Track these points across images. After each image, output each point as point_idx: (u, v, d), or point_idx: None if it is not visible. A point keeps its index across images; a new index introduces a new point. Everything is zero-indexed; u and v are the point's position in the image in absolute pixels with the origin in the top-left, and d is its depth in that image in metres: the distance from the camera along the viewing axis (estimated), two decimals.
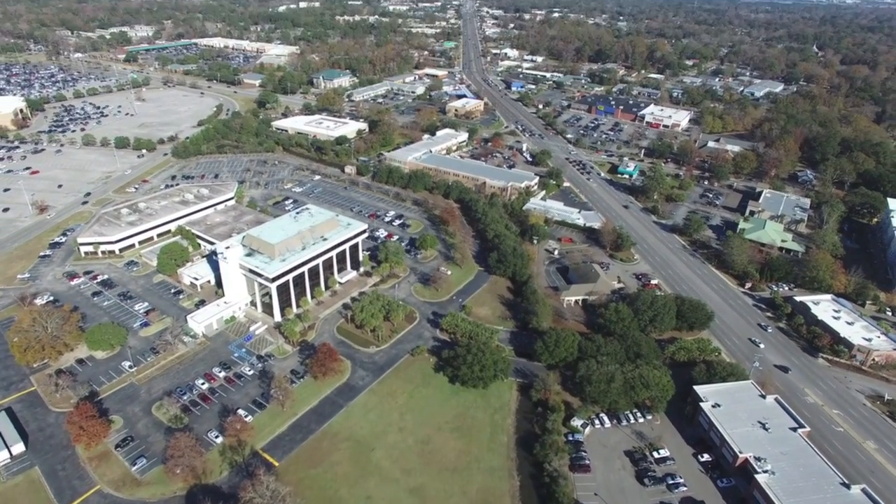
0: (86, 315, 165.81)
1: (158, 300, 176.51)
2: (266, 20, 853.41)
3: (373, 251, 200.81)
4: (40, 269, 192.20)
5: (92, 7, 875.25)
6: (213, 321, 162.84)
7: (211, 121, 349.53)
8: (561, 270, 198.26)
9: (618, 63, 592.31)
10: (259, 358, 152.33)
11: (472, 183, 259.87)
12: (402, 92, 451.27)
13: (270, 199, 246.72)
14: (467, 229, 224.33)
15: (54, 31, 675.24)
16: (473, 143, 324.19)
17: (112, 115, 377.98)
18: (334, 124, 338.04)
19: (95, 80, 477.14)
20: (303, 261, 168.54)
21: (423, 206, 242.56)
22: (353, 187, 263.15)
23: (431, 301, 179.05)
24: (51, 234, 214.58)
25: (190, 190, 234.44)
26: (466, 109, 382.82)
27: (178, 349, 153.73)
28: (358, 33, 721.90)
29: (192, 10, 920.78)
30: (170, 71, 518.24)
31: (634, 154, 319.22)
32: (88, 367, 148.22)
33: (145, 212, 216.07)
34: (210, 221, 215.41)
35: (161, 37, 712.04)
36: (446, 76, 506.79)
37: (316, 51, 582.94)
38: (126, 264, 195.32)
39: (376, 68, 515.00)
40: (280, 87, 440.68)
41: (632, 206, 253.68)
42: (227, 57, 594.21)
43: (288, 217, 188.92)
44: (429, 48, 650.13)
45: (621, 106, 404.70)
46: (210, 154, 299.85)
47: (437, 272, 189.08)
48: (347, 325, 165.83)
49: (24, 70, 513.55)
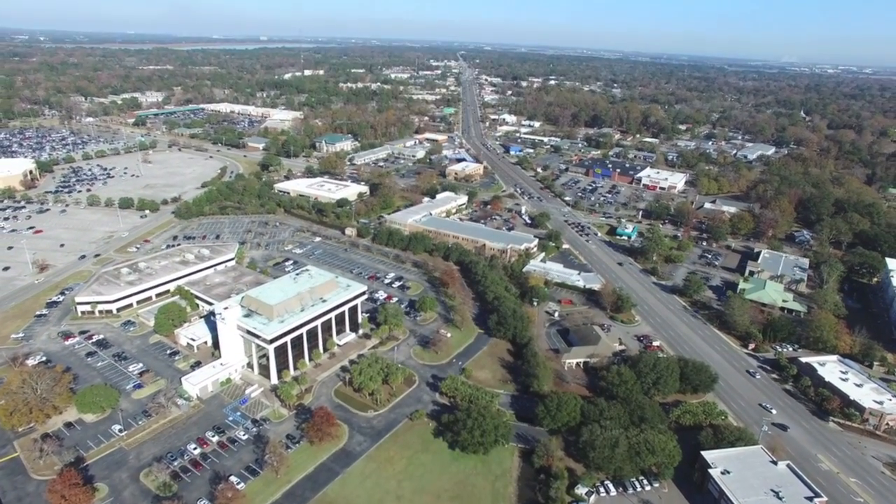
0: (78, 376, 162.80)
1: (154, 361, 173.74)
2: (272, 87, 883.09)
3: (372, 313, 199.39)
4: (35, 328, 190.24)
5: (107, 75, 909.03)
6: (209, 383, 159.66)
7: (214, 183, 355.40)
8: (561, 332, 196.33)
9: (613, 128, 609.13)
10: (254, 422, 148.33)
11: (472, 245, 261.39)
12: (402, 156, 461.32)
13: (271, 260, 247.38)
14: (467, 291, 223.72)
15: (69, 97, 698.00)
16: (473, 206, 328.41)
17: (118, 176, 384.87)
18: (336, 187, 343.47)
19: (104, 143, 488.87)
20: (301, 322, 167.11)
21: (423, 268, 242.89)
22: (354, 249, 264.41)
23: (431, 364, 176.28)
24: (49, 293, 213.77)
25: (191, 250, 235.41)
26: (466, 173, 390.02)
27: (170, 412, 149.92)
28: (360, 99, 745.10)
29: (202, 78, 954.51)
30: (177, 134, 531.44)
31: (632, 216, 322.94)
32: (76, 431, 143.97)
33: (145, 271, 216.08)
34: (210, 282, 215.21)
35: (170, 102, 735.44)
36: (446, 141, 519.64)
37: (319, 116, 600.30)
38: (123, 324, 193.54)
39: (378, 133, 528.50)
40: (283, 150, 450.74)
41: (630, 266, 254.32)
42: (233, 121, 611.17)
43: (288, 278, 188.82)
44: (429, 114, 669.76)
45: (618, 169, 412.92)
46: (212, 215, 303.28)
47: (437, 334, 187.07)
48: (345, 389, 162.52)
49: (37, 133, 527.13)
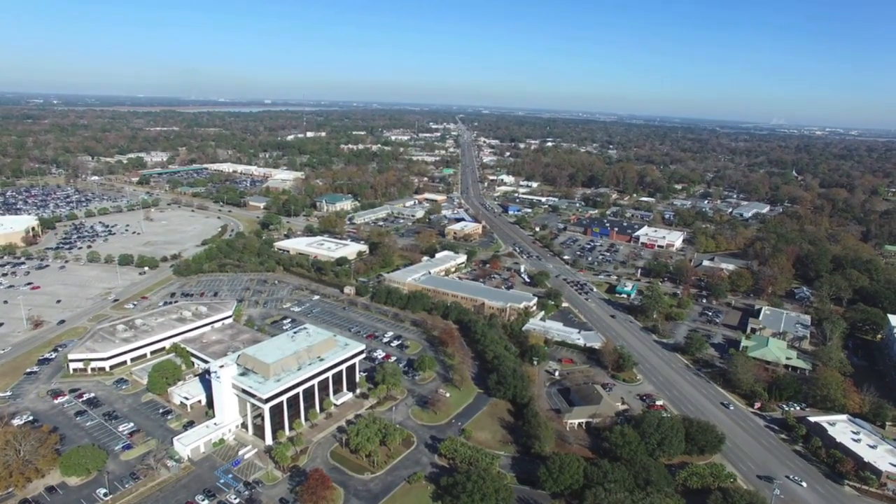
0: (65, 437, 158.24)
1: (145, 421, 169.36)
2: (275, 148, 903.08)
3: (370, 372, 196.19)
4: (24, 386, 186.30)
5: (115, 136, 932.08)
6: (201, 444, 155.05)
7: (215, 240, 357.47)
8: (562, 392, 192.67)
9: (610, 188, 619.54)
10: (246, 484, 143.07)
11: (471, 304, 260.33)
12: (402, 215, 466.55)
13: (269, 318, 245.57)
14: (466, 350, 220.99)
15: (76, 156, 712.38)
16: (472, 265, 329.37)
17: (119, 233, 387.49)
18: (335, 245, 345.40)
19: (108, 200, 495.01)
20: (298, 381, 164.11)
21: (422, 327, 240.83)
22: (352, 308, 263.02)
23: (430, 424, 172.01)
24: (42, 349, 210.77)
25: (188, 307, 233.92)
26: (465, 232, 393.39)
27: (160, 474, 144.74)
28: (361, 160, 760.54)
29: (206, 139, 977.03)
30: (179, 193, 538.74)
31: (631, 274, 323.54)
32: (58, 496, 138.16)
33: (141, 328, 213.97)
34: (206, 339, 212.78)
35: (175, 162, 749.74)
36: (445, 201, 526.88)
37: (320, 176, 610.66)
38: (115, 382, 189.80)
39: (378, 193, 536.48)
40: (284, 209, 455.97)
41: (631, 324, 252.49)
42: (235, 181, 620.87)
43: (285, 336, 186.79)
44: (428, 174, 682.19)
45: (616, 228, 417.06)
46: (211, 272, 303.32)
47: (436, 394, 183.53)
48: (342, 450, 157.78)
49: (43, 191, 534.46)
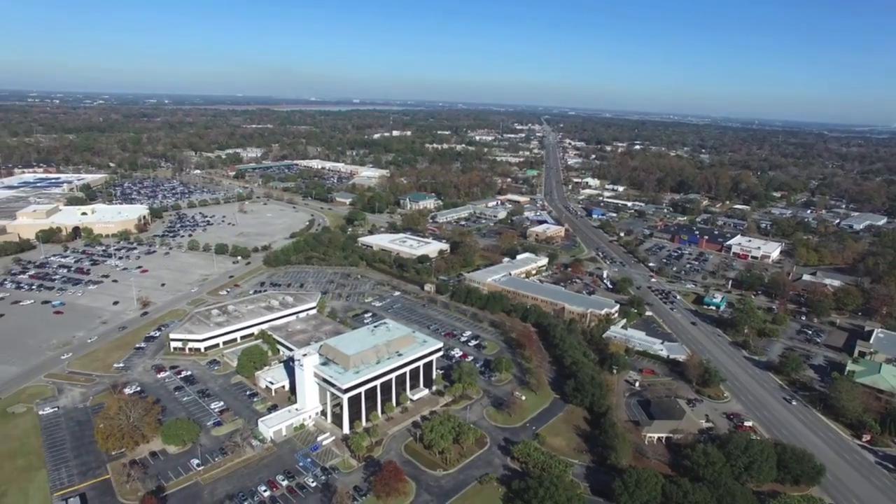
0: (166, 408, 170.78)
1: (233, 401, 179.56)
2: (361, 146, 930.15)
3: (447, 370, 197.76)
4: (134, 360, 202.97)
5: (215, 132, 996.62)
6: (283, 427, 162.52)
7: (302, 234, 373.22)
8: (642, 404, 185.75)
9: (701, 194, 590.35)
10: (323, 470, 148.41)
11: (551, 307, 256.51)
12: (484, 216, 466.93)
13: (350, 311, 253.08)
14: (544, 354, 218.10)
15: (182, 152, 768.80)
16: (553, 268, 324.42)
17: (216, 223, 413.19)
18: (417, 243, 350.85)
19: (207, 193, 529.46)
20: (376, 374, 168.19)
21: (500, 329, 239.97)
22: (432, 305, 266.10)
23: (503, 426, 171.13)
24: (148, 327, 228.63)
25: (276, 297, 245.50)
26: (547, 235, 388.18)
27: (245, 452, 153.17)
28: (445, 160, 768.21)
29: (297, 136, 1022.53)
30: (271, 187, 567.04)
31: (721, 285, 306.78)
32: (160, 461, 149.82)
33: (233, 314, 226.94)
34: (291, 328, 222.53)
35: (268, 157, 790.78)
36: (528, 202, 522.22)
37: (405, 174, 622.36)
38: (209, 363, 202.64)
39: (460, 193, 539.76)
40: (369, 206, 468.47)
41: (719, 338, 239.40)
42: (323, 177, 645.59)
43: (366, 330, 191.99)
44: (512, 175, 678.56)
45: (706, 236, 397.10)
46: (298, 264, 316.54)
47: (511, 397, 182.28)
48: (415, 445, 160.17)
49: (153, 183, 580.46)
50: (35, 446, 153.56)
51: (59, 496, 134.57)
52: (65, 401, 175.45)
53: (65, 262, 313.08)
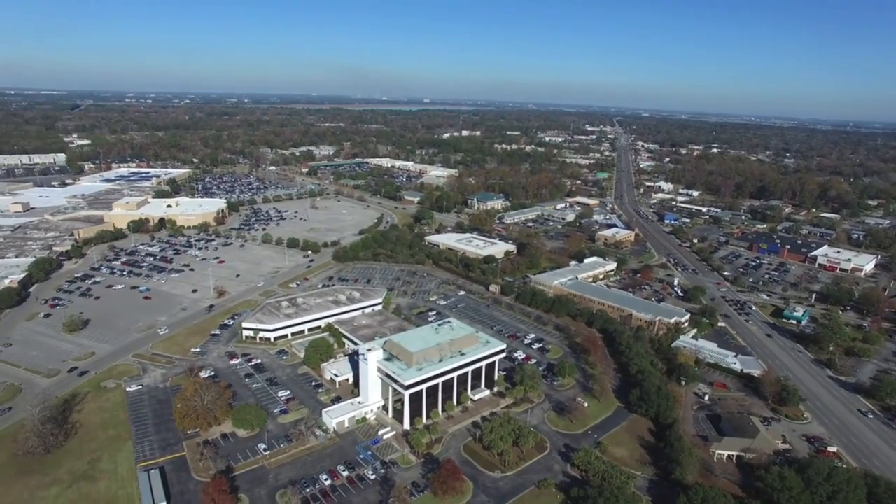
0: (236, 393, 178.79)
1: (299, 390, 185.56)
2: (431, 145, 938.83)
3: (509, 372, 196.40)
4: (209, 345, 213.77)
5: (290, 131, 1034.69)
6: (346, 419, 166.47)
7: (371, 231, 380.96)
8: (712, 418, 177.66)
9: (784, 200, 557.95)
10: (383, 463, 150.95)
11: (618, 313, 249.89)
12: (552, 217, 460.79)
13: (415, 309, 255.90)
14: (609, 361, 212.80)
15: (259, 148, 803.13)
16: (622, 273, 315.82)
17: (289, 218, 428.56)
18: (484, 243, 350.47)
19: (281, 188, 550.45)
20: (438, 372, 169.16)
21: (565, 333, 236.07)
22: (496, 306, 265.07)
23: (564, 432, 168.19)
24: (223, 316, 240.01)
25: (343, 291, 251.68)
26: (616, 239, 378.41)
27: (309, 441, 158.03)
28: (514, 160, 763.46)
29: (368, 135, 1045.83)
30: (342, 184, 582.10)
31: (804, 298, 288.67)
32: (230, 443, 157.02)
33: (302, 306, 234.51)
34: (357, 323, 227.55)
35: (339, 155, 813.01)
36: (597, 205, 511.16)
37: (473, 174, 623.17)
38: (277, 352, 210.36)
39: (529, 194, 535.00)
40: (436, 205, 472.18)
41: (800, 354, 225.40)
42: (393, 175, 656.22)
43: (429, 328, 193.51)
44: (581, 177, 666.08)
45: (787, 245, 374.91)
46: (366, 261, 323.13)
47: (574, 402, 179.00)
48: (475, 445, 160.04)
49: (231, 178, 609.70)
50: (122, 419, 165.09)
51: (142, 467, 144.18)
52: (148, 380, 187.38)
53: (151, 250, 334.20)
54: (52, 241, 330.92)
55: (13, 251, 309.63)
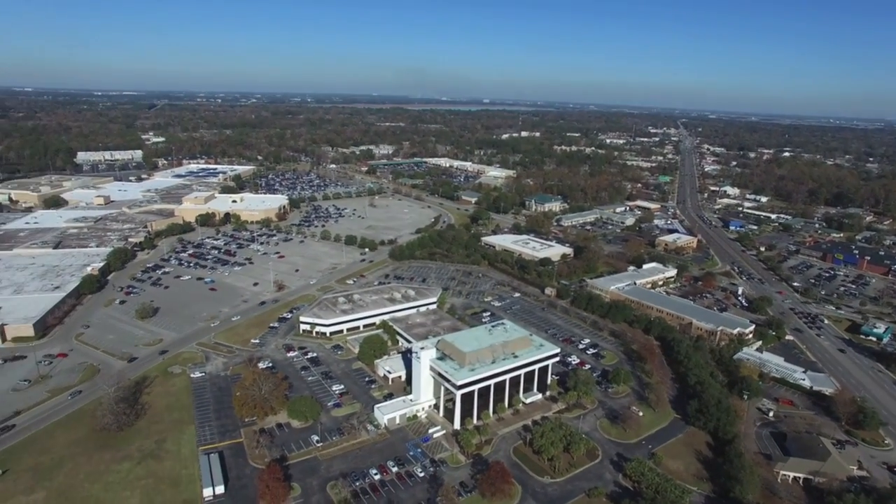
0: (292, 385, 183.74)
1: (353, 385, 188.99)
2: (489, 145, 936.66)
3: (562, 377, 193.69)
4: (268, 337, 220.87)
5: (351, 130, 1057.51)
6: (397, 416, 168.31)
7: (428, 230, 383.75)
8: (776, 437, 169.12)
9: (864, 208, 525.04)
10: (432, 461, 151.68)
11: (677, 321, 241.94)
12: (611, 221, 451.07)
13: (470, 309, 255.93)
14: (666, 370, 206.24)
15: (320, 147, 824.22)
16: (682, 280, 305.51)
17: (347, 216, 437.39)
18: (540, 245, 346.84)
19: (341, 186, 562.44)
20: (491, 374, 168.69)
21: (621, 339, 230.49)
22: (551, 309, 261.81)
23: (617, 441, 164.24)
24: (281, 309, 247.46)
25: (399, 289, 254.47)
26: (677, 244, 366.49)
27: (360, 435, 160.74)
28: (573, 162, 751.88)
29: (428, 134, 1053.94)
30: (400, 183, 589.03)
31: (886, 314, 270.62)
32: (285, 433, 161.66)
33: (358, 303, 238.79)
34: (411, 321, 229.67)
35: (399, 154, 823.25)
36: (658, 209, 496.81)
37: (531, 176, 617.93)
38: (333, 347, 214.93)
39: (587, 196, 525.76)
40: (494, 205, 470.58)
41: (881, 374, 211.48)
42: (451, 175, 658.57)
43: (483, 329, 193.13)
44: (643, 181, 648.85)
45: (868, 256, 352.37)
46: (422, 259, 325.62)
47: (628, 411, 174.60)
48: (525, 448, 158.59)
49: (293, 175, 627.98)
50: (186, 404, 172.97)
51: (203, 450, 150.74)
52: (210, 367, 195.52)
53: (216, 244, 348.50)
54: (128, 232, 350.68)
55: (95, 241, 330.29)
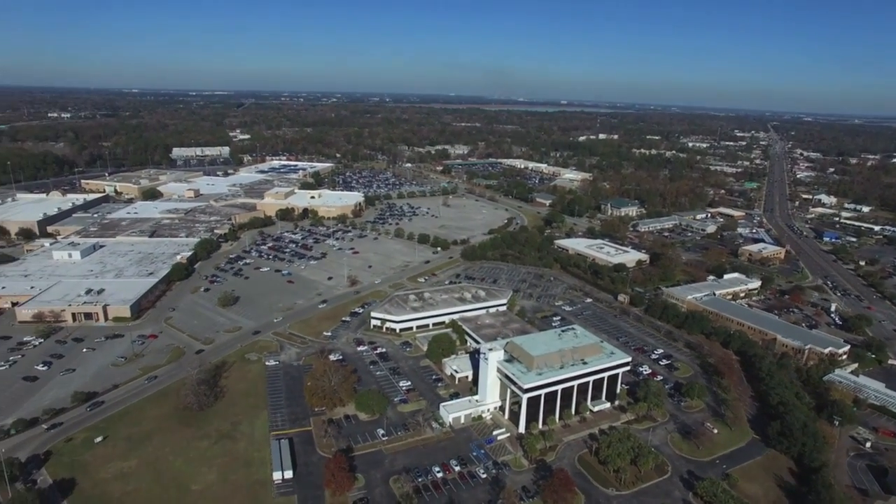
0: (361, 379, 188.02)
1: (420, 382, 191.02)
2: (565, 147, 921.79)
3: (632, 386, 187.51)
4: (339, 331, 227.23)
5: (427, 129, 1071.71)
6: (462, 415, 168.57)
7: (500, 231, 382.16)
8: (875, 470, 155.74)
9: None
10: (495, 464, 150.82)
11: (759, 336, 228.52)
12: (690, 228, 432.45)
13: (539, 313, 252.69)
14: (745, 387, 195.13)
15: (396, 146, 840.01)
16: (767, 293, 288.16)
17: (421, 215, 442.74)
18: (615, 251, 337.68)
19: (416, 185, 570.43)
20: (558, 379, 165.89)
21: (697, 351, 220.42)
22: (624, 317, 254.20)
23: (689, 457, 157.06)
24: (354, 304, 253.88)
25: (469, 289, 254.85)
26: (763, 255, 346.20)
27: (425, 432, 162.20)
28: (652, 166, 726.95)
29: (503, 135, 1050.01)
30: (474, 184, 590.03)
31: None
32: (352, 424, 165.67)
33: (428, 301, 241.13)
34: (480, 321, 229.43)
35: (473, 155, 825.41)
36: (743, 217, 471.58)
37: (608, 179, 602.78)
38: (402, 343, 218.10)
39: (666, 202, 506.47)
40: (568, 208, 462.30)
41: None
42: (525, 176, 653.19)
43: (553, 333, 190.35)
44: (727, 187, 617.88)
45: None
46: (493, 260, 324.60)
47: (702, 427, 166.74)
48: (590, 458, 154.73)
49: (370, 174, 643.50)
50: (261, 390, 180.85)
51: (274, 435, 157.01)
52: (284, 356, 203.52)
53: (294, 238, 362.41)
54: (214, 224, 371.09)
55: (184, 231, 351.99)
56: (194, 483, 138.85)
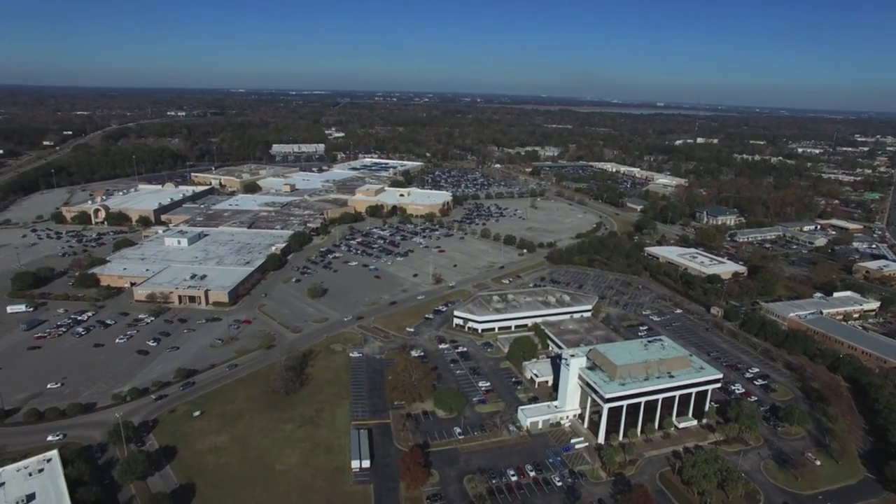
0: (441, 376, 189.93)
1: (499, 384, 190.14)
2: (660, 151, 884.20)
3: (722, 405, 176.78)
4: (422, 328, 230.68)
5: (517, 130, 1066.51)
6: (540, 420, 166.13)
7: (588, 235, 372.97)
8: None
9: None
10: (571, 473, 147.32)
11: (876, 363, 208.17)
12: (796, 240, 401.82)
13: (626, 321, 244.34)
14: (856, 418, 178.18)
15: (486, 146, 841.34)
16: (888, 316, 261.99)
17: (508, 216, 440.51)
18: (709, 261, 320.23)
19: (504, 186, 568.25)
20: (642, 391, 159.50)
21: (798, 373, 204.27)
22: (716, 331, 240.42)
23: (785, 488, 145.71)
24: (437, 302, 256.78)
25: (554, 293, 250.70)
26: (882, 273, 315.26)
27: (501, 434, 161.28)
28: (755, 173, 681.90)
29: (595, 138, 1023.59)
30: (564, 186, 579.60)
31: None
32: (429, 420, 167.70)
33: (511, 303, 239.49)
34: (563, 326, 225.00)
35: (564, 157, 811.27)
36: (860, 230, 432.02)
37: (705, 185, 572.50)
38: (483, 344, 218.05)
39: (769, 211, 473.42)
40: (660, 215, 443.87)
41: None
42: (616, 181, 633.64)
43: (638, 343, 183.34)
44: (841, 196, 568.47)
45: None
46: (580, 265, 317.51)
47: (802, 457, 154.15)
48: (672, 476, 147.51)
49: (458, 173, 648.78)
50: (344, 380, 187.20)
51: (354, 425, 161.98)
52: (368, 349, 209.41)
53: (382, 234, 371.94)
54: (308, 218, 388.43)
55: (280, 224, 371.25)
56: (278, 463, 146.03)
